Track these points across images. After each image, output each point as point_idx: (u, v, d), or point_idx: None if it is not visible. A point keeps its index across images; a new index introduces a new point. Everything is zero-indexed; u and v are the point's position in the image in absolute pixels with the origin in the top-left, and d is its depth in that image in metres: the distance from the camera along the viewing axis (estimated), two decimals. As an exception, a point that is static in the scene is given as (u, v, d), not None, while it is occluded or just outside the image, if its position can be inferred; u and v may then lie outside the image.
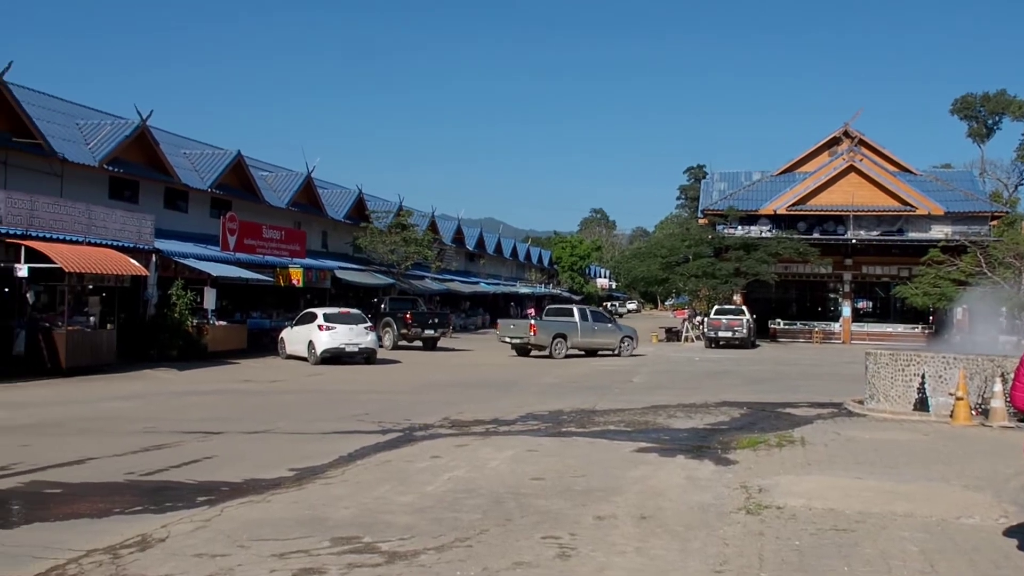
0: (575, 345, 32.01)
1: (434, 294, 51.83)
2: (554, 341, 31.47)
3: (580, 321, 32.55)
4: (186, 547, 6.83)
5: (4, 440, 12.05)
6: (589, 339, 32.53)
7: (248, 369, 24.81)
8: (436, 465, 10.47)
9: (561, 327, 32.24)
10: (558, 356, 31.13)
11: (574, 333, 32.05)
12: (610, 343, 33.10)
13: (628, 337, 33.65)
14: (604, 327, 33.54)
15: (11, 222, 20.93)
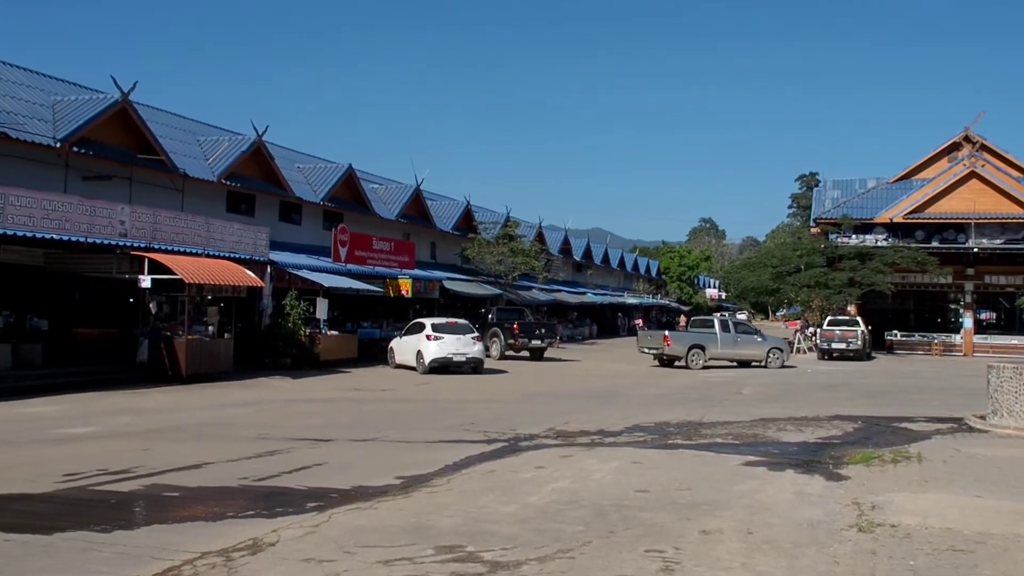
0: (715, 356, 32.00)
1: (541, 304, 51.91)
2: (690, 352, 31.57)
3: (720, 332, 32.45)
4: (295, 552, 6.99)
5: (127, 444, 12.59)
6: (731, 350, 32.38)
7: (358, 378, 25.31)
8: (540, 475, 10.46)
9: (698, 338, 32.36)
10: (695, 367, 31.11)
11: (713, 344, 32.00)
12: (756, 354, 32.68)
13: (777, 349, 33.07)
14: (749, 338, 33.23)
15: (135, 235, 21.91)
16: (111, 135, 25.29)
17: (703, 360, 31.57)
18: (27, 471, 10.39)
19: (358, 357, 30.31)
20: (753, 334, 34.06)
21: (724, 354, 32.31)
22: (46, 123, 23.93)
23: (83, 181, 24.20)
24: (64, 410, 16.41)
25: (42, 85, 26.97)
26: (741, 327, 34.10)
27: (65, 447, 12.37)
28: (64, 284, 24.34)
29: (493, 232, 47.59)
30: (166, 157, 26.65)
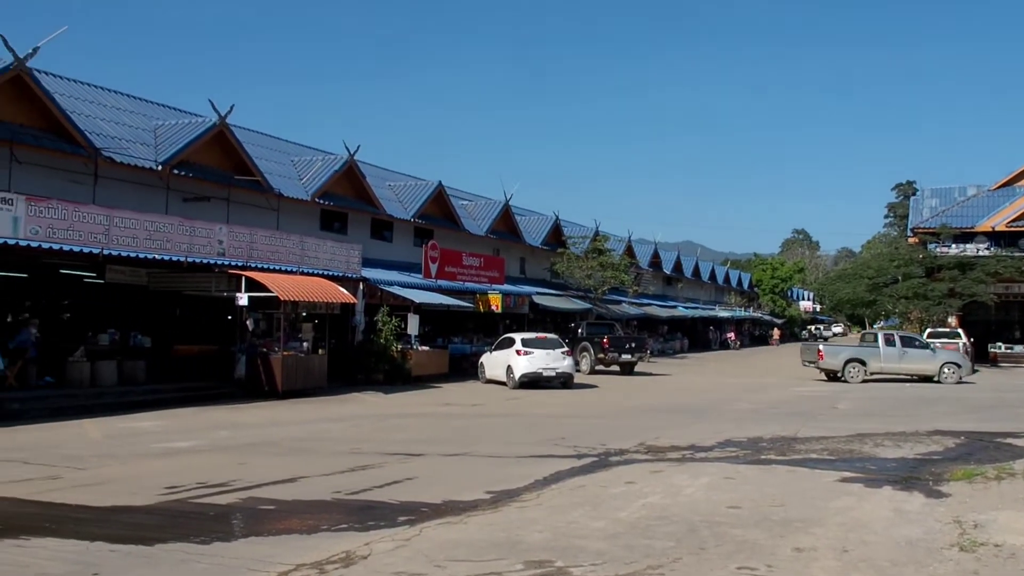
0: (878, 371, 31.25)
1: (631, 318, 51.57)
2: (846, 366, 31.05)
3: (884, 347, 31.53)
4: (386, 565, 7.05)
5: (225, 458, 12.93)
6: (895, 364, 31.46)
7: (449, 393, 25.50)
8: (630, 491, 10.35)
9: (856, 352, 31.86)
10: (852, 381, 30.54)
11: (875, 358, 31.26)
12: (926, 369, 31.39)
13: (952, 363, 31.47)
14: (919, 352, 31.87)
15: (233, 254, 22.54)
16: (209, 157, 26.12)
17: (863, 374, 30.83)
18: (130, 484, 10.75)
19: (449, 372, 30.55)
20: (923, 348, 32.42)
21: (888, 368, 31.35)
22: (148, 147, 24.87)
23: (183, 202, 25.05)
24: (165, 425, 16.95)
25: (144, 110, 28.06)
26: (909, 340, 32.67)
27: (166, 461, 12.77)
28: (166, 302, 25.20)
29: (582, 246, 47.54)
30: (262, 178, 27.39)
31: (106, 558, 7.30)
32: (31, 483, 10.74)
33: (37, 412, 17.64)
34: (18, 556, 7.33)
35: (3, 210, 17.11)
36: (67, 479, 11.07)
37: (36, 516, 9.02)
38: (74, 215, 18.60)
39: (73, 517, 8.97)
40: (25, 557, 7.30)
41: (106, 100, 26.92)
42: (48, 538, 7.99)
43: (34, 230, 17.68)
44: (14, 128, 20.42)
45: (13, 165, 20.13)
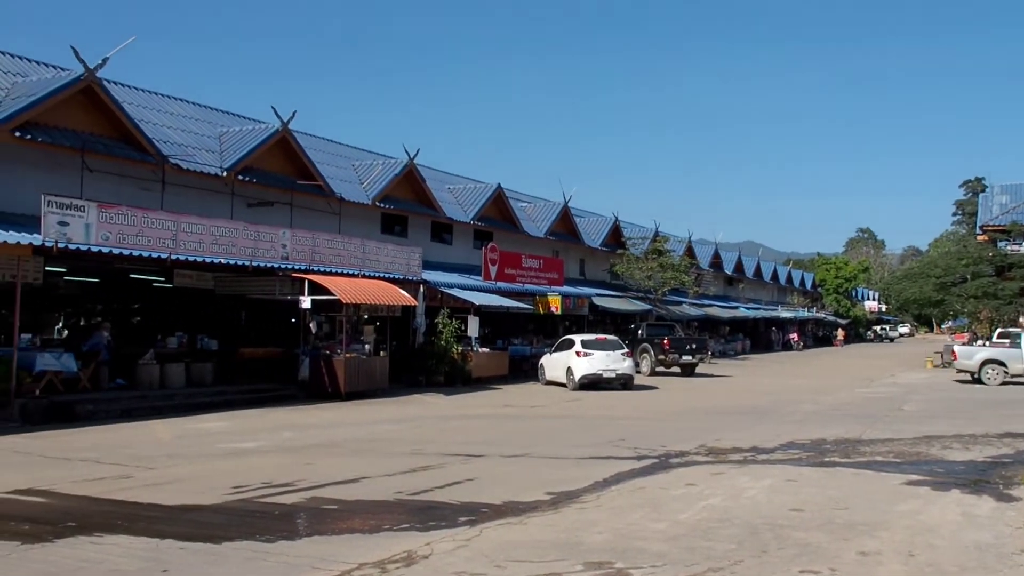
0: (1021, 373, 29.84)
1: (692, 319, 51.16)
2: (983, 367, 30.13)
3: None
4: (447, 565, 7.13)
5: (290, 459, 13.15)
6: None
7: (509, 394, 25.57)
8: (691, 493, 10.30)
9: (995, 352, 30.78)
10: (990, 383, 29.58)
11: (1016, 360, 30.03)
12: None
13: None
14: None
15: (296, 258, 22.91)
16: (273, 163, 26.58)
17: (1002, 376, 29.69)
18: (199, 483, 11.01)
19: (509, 374, 30.64)
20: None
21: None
22: (213, 153, 25.39)
23: (248, 207, 25.51)
24: (232, 426, 17.30)
25: (209, 118, 28.66)
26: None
27: (233, 461, 13.03)
28: (232, 306, 25.72)
29: (642, 247, 47.32)
30: (323, 182, 27.78)
31: (176, 555, 7.49)
32: (104, 482, 11.06)
33: (109, 413, 18.13)
34: (93, 553, 7.57)
35: (76, 217, 17.63)
36: (138, 478, 11.38)
37: (109, 514, 9.29)
38: (143, 221, 19.08)
39: (144, 515, 9.22)
40: (99, 554, 7.53)
41: (173, 108, 27.55)
42: (121, 535, 8.23)
43: (105, 236, 18.18)
44: (85, 137, 21.01)
45: (84, 173, 20.70)
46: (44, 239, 17.10)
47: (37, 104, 19.91)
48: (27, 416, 16.84)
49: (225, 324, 25.65)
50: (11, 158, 19.98)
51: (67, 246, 17.52)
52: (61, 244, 17.37)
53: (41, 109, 20.07)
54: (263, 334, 25.97)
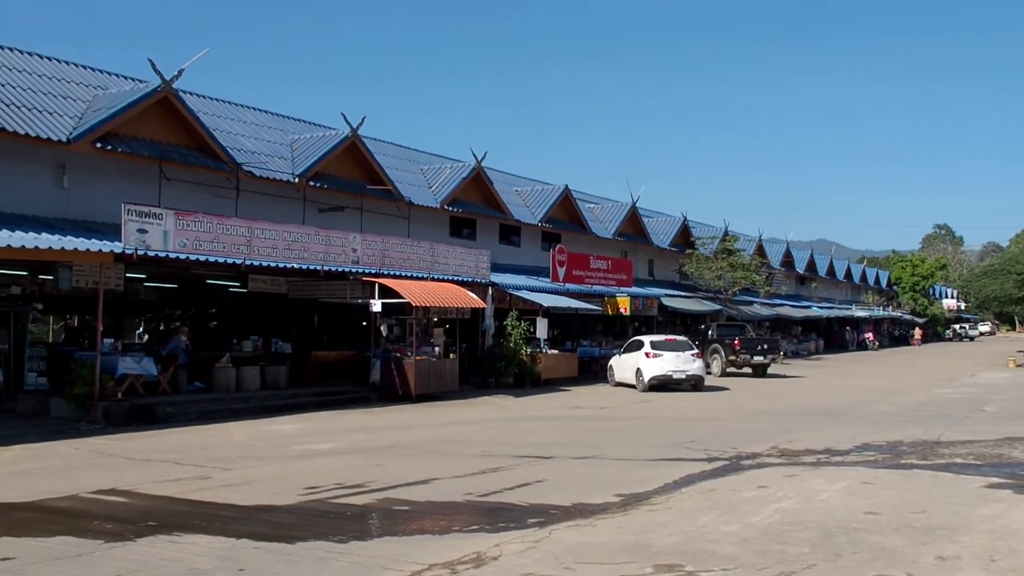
0: None
1: (763, 319, 50.46)
2: None
3: None
4: (516, 566, 7.15)
5: (362, 460, 13.33)
6: None
7: (578, 396, 25.54)
8: (763, 495, 10.16)
9: None
10: None
11: None
12: None
13: None
14: None
15: (366, 262, 23.22)
16: (343, 168, 26.97)
17: None
18: (273, 484, 11.23)
19: (578, 375, 30.60)
20: None
21: None
22: (285, 160, 25.87)
23: (319, 213, 25.92)
24: (305, 428, 17.59)
25: (281, 125, 29.21)
26: None
27: (307, 462, 13.26)
28: (304, 310, 26.17)
29: (711, 247, 46.85)
30: (392, 187, 28.09)
31: (251, 555, 7.65)
32: (182, 483, 11.35)
33: (187, 415, 18.59)
34: (171, 551, 7.78)
35: (154, 224, 18.13)
36: (215, 479, 11.65)
37: (188, 514, 9.53)
38: (218, 228, 19.54)
39: (221, 515, 9.44)
40: (178, 552, 7.74)
41: (245, 116, 28.15)
42: (198, 535, 8.44)
43: (182, 243, 18.66)
44: (162, 147, 21.59)
45: (162, 182, 21.27)
46: (124, 246, 17.63)
47: (117, 116, 20.53)
48: (110, 418, 17.37)
49: (298, 328, 26.11)
50: (93, 169, 20.66)
51: (146, 253, 18.03)
52: (140, 251, 17.89)
53: (121, 121, 20.69)
54: (335, 337, 26.37)
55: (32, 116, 19.68)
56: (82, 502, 10.25)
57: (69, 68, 23.75)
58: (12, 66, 21.74)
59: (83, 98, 22.03)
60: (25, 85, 20.99)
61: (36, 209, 19.50)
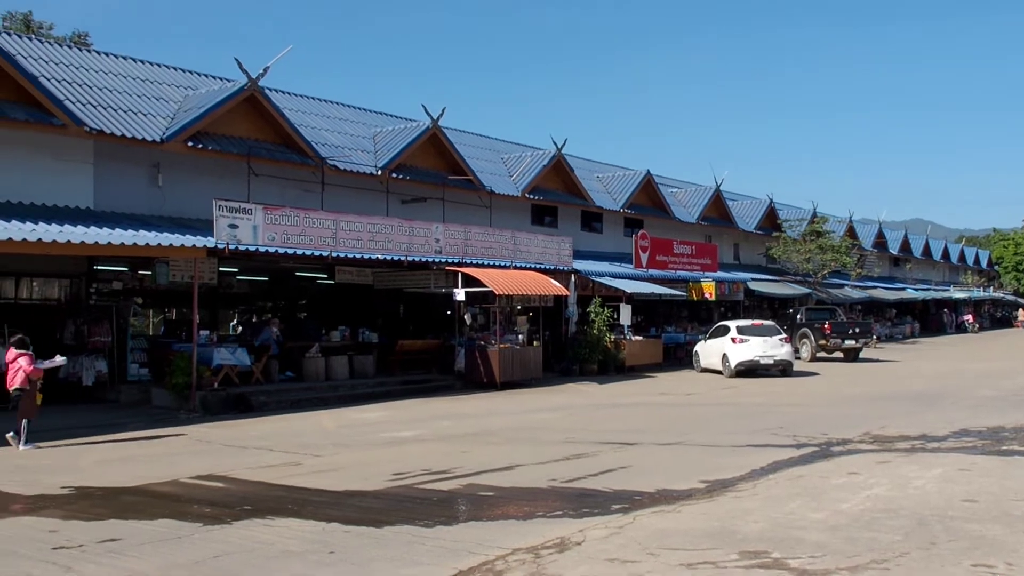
0: None
1: (854, 303, 49.28)
2: None
3: None
4: (600, 552, 7.18)
5: (449, 447, 13.52)
6: None
7: (663, 382, 25.38)
8: (853, 482, 9.97)
9: None
10: None
11: None
12: None
13: None
14: None
15: (449, 251, 23.45)
16: (424, 159, 27.24)
17: None
18: (362, 470, 11.48)
19: (663, 362, 30.38)
20: None
21: None
22: (368, 153, 26.25)
23: (402, 204, 26.25)
24: (392, 415, 17.90)
25: (363, 119, 29.65)
26: None
27: (393, 449, 13.51)
28: (390, 300, 26.58)
29: (799, 229, 45.90)
30: (474, 176, 28.26)
31: (341, 538, 7.86)
32: (275, 468, 11.69)
33: (279, 404, 19.10)
34: (265, 535, 8.04)
35: (244, 219, 18.64)
36: (306, 465, 11.97)
37: (280, 499, 9.82)
38: (305, 221, 19.97)
39: (312, 500, 9.69)
40: (271, 536, 7.99)
41: (328, 111, 28.66)
42: (291, 519, 8.70)
43: (271, 236, 19.14)
44: (250, 143, 22.13)
45: (251, 178, 21.81)
46: (217, 241, 18.17)
47: (206, 115, 21.14)
48: (207, 407, 17.94)
49: (384, 317, 26.54)
50: (185, 167, 21.32)
51: (237, 247, 18.56)
52: (232, 245, 18.42)
53: (210, 120, 21.29)
54: (420, 326, 26.72)
55: (128, 118, 20.41)
56: (182, 487, 10.65)
57: (160, 70, 24.54)
58: (108, 70, 22.56)
59: (174, 99, 22.73)
60: (121, 88, 21.76)
61: (134, 207, 20.23)
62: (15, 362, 13.73)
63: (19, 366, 13.69)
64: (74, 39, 39.88)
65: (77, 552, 7.53)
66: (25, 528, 8.49)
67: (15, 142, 18.37)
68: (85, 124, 19.01)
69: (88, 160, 19.76)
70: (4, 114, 17.78)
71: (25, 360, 13.71)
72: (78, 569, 6.99)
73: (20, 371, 13.67)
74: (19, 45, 21.54)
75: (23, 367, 13.67)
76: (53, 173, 19.03)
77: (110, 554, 7.45)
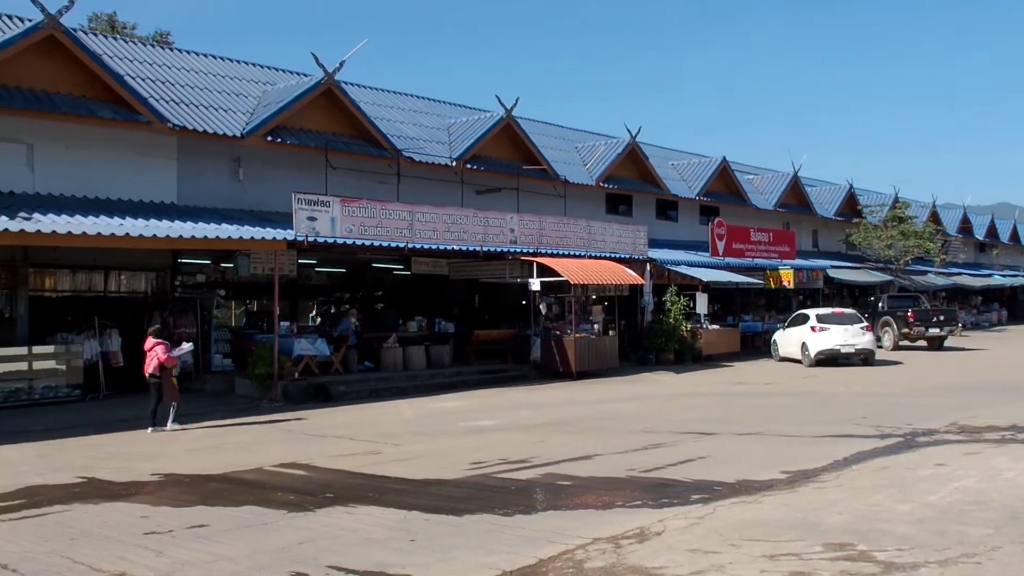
0: None
1: (938, 290, 47.93)
2: None
3: None
4: (680, 542, 7.14)
5: (524, 436, 13.57)
6: None
7: (741, 371, 25.07)
8: (940, 473, 9.73)
9: None
10: None
11: None
12: None
13: None
14: None
15: (524, 241, 23.49)
16: (498, 150, 27.33)
17: None
18: (441, 459, 11.60)
19: (740, 351, 29.99)
20: None
21: None
22: (443, 144, 26.44)
23: (476, 195, 26.39)
24: (469, 405, 18.03)
25: (437, 111, 29.88)
26: None
27: (471, 438, 13.61)
28: (465, 290, 26.76)
29: (879, 215, 44.79)
30: (548, 166, 28.26)
31: (421, 526, 7.96)
32: (356, 457, 11.88)
33: (358, 394, 19.40)
34: (348, 522, 8.19)
35: (322, 212, 18.95)
36: (386, 454, 12.14)
37: (361, 487, 9.98)
38: (381, 213, 20.23)
39: (392, 488, 9.83)
40: (354, 523, 8.14)
41: (403, 104, 28.93)
42: (372, 506, 8.84)
43: (348, 228, 19.43)
44: (327, 137, 22.48)
45: (328, 171, 22.16)
46: (296, 234, 18.52)
47: (284, 110, 21.54)
48: (288, 396, 18.32)
49: (460, 307, 26.74)
50: (264, 161, 21.77)
51: (316, 239, 18.89)
52: (311, 238, 18.76)
53: (288, 114, 21.69)
54: (495, 316, 26.86)
55: (210, 114, 20.91)
56: (266, 474, 10.91)
57: (239, 66, 25.07)
58: (190, 68, 23.14)
59: (253, 94, 23.20)
60: (202, 85, 22.30)
61: (216, 201, 20.74)
62: (152, 350, 14.71)
63: (155, 354, 14.66)
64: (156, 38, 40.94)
65: (167, 537, 7.78)
66: (118, 513, 8.79)
67: (102, 139, 18.98)
68: (169, 121, 19.54)
69: (172, 156, 20.31)
70: (92, 112, 18.38)
71: (160, 349, 14.69)
72: (169, 554, 7.21)
73: (156, 359, 14.64)
74: (105, 45, 22.23)
75: (159, 355, 14.64)
76: (138, 169, 19.63)
77: (199, 539, 7.67)
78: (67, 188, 18.47)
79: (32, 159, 18.25)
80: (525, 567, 6.59)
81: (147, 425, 14.41)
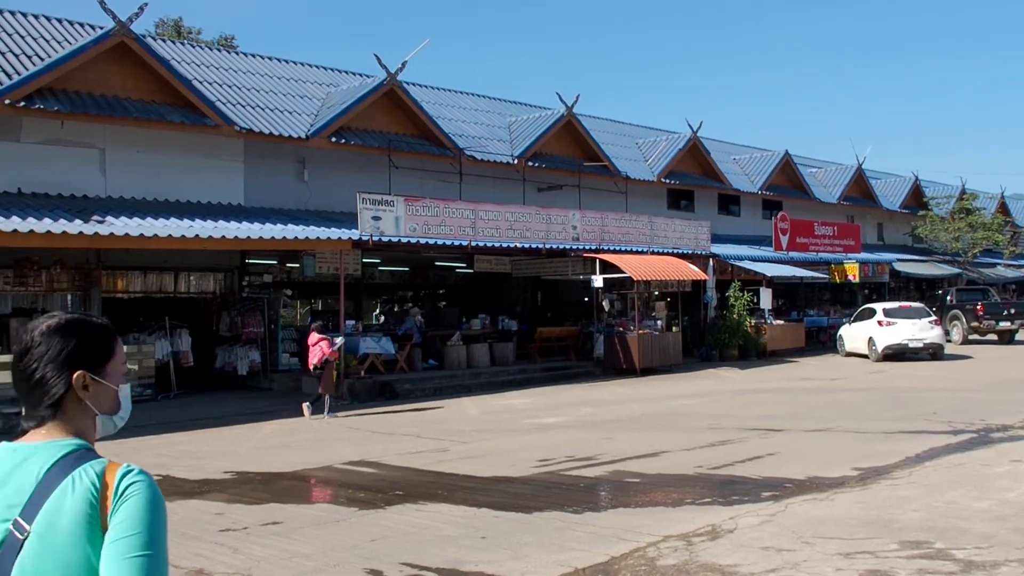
0: None
1: (1008, 282, 46.70)
2: None
3: None
4: (752, 539, 7.12)
5: (590, 433, 13.60)
6: None
7: (806, 367, 24.75)
8: (1017, 470, 9.54)
9: None
10: None
11: None
12: None
13: None
14: None
15: (586, 238, 23.49)
16: (559, 147, 27.36)
17: None
18: (507, 456, 11.68)
19: (805, 346, 29.61)
20: None
21: None
22: (504, 143, 26.55)
23: (538, 192, 26.46)
24: (534, 402, 18.10)
25: (498, 109, 30.00)
26: None
27: (537, 435, 13.68)
28: (528, 288, 26.84)
29: (946, 207, 43.81)
30: (609, 162, 28.21)
31: (491, 523, 8.04)
32: (424, 455, 12.02)
33: (423, 392, 19.59)
34: (418, 519, 8.30)
35: (387, 211, 19.18)
36: (453, 452, 12.26)
37: (431, 484, 10.11)
38: (444, 211, 20.40)
39: (461, 486, 9.94)
40: (425, 520, 8.25)
41: (464, 103, 29.11)
42: (442, 504, 8.96)
43: (412, 227, 19.63)
44: (390, 137, 22.73)
45: (391, 170, 22.41)
46: (360, 233, 18.77)
47: (348, 111, 21.83)
48: (355, 394, 18.58)
49: (523, 305, 26.82)
50: (329, 161, 22.09)
51: (380, 238, 19.12)
52: (375, 237, 19.00)
53: (352, 115, 21.98)
54: (558, 313, 26.89)
55: (276, 117, 21.29)
56: (335, 472, 11.10)
57: (303, 68, 25.46)
58: (255, 71, 23.57)
59: (317, 96, 23.56)
60: (267, 88, 22.71)
61: (282, 202, 21.11)
62: (316, 345, 15.82)
63: (320, 348, 15.76)
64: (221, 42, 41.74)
65: (243, 534, 7.96)
66: (194, 511, 9.01)
67: (171, 143, 19.44)
68: (235, 124, 19.94)
69: (238, 158, 20.73)
70: (162, 117, 18.84)
71: (325, 343, 15.81)
72: (245, 550, 7.38)
73: (320, 352, 15.77)
74: (172, 50, 22.76)
75: (323, 349, 15.74)
76: (206, 171, 20.07)
77: (273, 536, 7.84)
78: (137, 191, 18.96)
79: (104, 163, 18.77)
80: (597, 564, 6.62)
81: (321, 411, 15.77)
